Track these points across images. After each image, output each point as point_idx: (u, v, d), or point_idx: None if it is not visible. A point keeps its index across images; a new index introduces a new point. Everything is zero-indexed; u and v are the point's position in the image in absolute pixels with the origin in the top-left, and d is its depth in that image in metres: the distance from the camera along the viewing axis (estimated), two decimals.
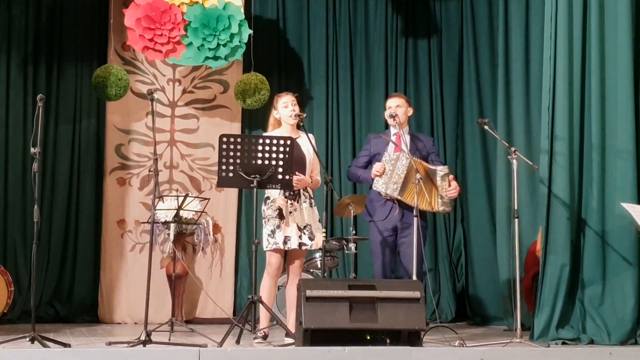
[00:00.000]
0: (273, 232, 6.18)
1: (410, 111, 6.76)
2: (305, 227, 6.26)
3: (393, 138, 6.64)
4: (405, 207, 6.47)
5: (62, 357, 4.97)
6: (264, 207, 6.32)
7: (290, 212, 6.24)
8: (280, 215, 6.21)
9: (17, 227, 8.09)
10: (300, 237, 6.23)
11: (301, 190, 6.29)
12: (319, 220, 6.39)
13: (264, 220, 6.30)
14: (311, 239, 6.27)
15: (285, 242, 6.18)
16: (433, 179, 6.47)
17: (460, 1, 9.04)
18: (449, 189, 6.51)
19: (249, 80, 8.33)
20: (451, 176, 6.57)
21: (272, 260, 6.23)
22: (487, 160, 8.48)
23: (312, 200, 6.40)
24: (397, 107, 6.64)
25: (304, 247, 6.26)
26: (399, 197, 6.43)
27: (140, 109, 8.48)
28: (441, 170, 6.52)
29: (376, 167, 6.50)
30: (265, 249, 6.27)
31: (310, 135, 6.42)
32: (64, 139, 8.37)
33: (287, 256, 6.40)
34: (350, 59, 9.02)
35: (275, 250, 6.22)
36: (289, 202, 6.25)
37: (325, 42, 8.99)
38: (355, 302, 5.48)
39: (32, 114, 7.57)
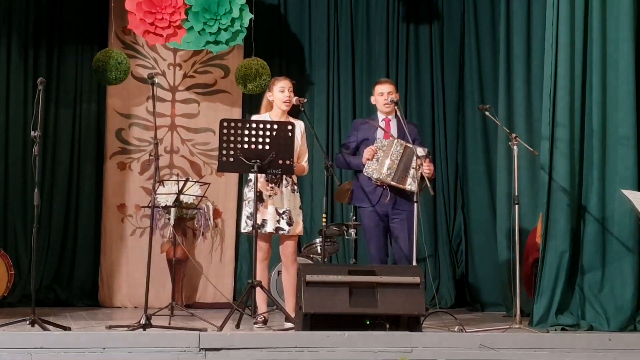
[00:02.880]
0: (252, 214, 6.13)
1: (397, 96, 6.71)
2: (284, 212, 6.23)
3: (382, 124, 6.60)
4: (395, 193, 6.45)
5: (62, 340, 4.98)
6: (245, 190, 6.32)
7: (270, 196, 6.22)
8: (260, 198, 6.17)
9: (18, 211, 8.10)
10: (278, 221, 6.21)
11: (283, 175, 6.26)
12: (300, 207, 6.37)
13: (244, 202, 6.31)
14: (289, 224, 6.23)
15: (262, 226, 6.15)
16: (410, 159, 6.36)
17: None
18: (425, 166, 6.34)
19: (250, 65, 8.31)
20: (427, 159, 6.41)
21: (260, 244, 6.18)
22: (487, 146, 8.47)
23: (295, 186, 6.36)
24: (388, 93, 6.62)
25: (280, 232, 6.23)
26: (392, 183, 6.39)
27: (140, 94, 8.47)
28: (419, 150, 6.37)
29: (367, 151, 6.46)
30: (242, 230, 6.34)
31: (302, 123, 6.41)
32: (64, 122, 8.37)
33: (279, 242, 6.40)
34: (352, 44, 9.00)
35: (260, 235, 6.15)
36: (270, 185, 6.23)
37: (327, 27, 8.97)
38: (355, 287, 5.48)
39: (33, 97, 7.56)
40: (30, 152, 5.83)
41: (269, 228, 6.19)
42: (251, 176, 6.20)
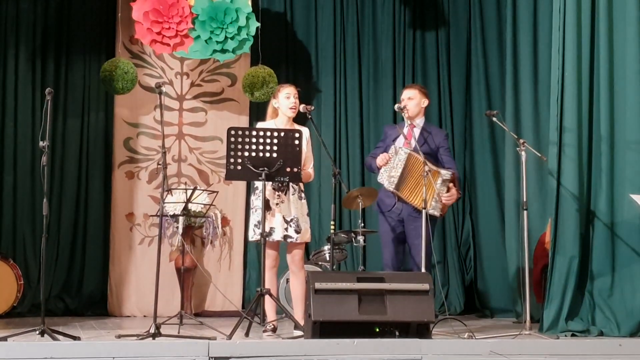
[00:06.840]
0: (259, 222, 6.11)
1: (425, 102, 6.59)
2: (291, 219, 6.24)
3: (405, 130, 6.56)
4: (405, 201, 6.43)
5: (71, 350, 4.98)
6: (252, 198, 6.33)
7: (277, 204, 6.22)
8: (267, 207, 6.17)
9: (27, 221, 8.12)
10: (286, 229, 6.21)
11: (290, 183, 6.26)
12: (307, 214, 6.37)
13: (251, 211, 6.31)
14: (297, 231, 6.23)
15: (269, 234, 6.15)
16: (433, 180, 6.26)
17: None
18: (446, 194, 6.33)
19: (256, 73, 8.32)
20: (451, 184, 6.37)
21: (268, 252, 6.18)
22: (495, 152, 8.46)
23: (303, 193, 6.37)
24: (408, 99, 6.53)
25: (289, 240, 6.23)
26: (393, 191, 6.37)
27: (148, 103, 8.50)
28: (444, 174, 6.32)
29: (380, 157, 6.43)
30: (250, 239, 6.33)
31: (307, 130, 6.40)
32: (72, 132, 8.39)
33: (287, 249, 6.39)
34: (358, 51, 9.01)
35: (267, 243, 6.16)
36: (277, 193, 6.23)
37: (333, 35, 8.98)
38: (364, 294, 5.47)
39: (41, 107, 7.60)
40: (39, 162, 5.84)
41: (277, 236, 6.19)
42: (258, 184, 6.22)
